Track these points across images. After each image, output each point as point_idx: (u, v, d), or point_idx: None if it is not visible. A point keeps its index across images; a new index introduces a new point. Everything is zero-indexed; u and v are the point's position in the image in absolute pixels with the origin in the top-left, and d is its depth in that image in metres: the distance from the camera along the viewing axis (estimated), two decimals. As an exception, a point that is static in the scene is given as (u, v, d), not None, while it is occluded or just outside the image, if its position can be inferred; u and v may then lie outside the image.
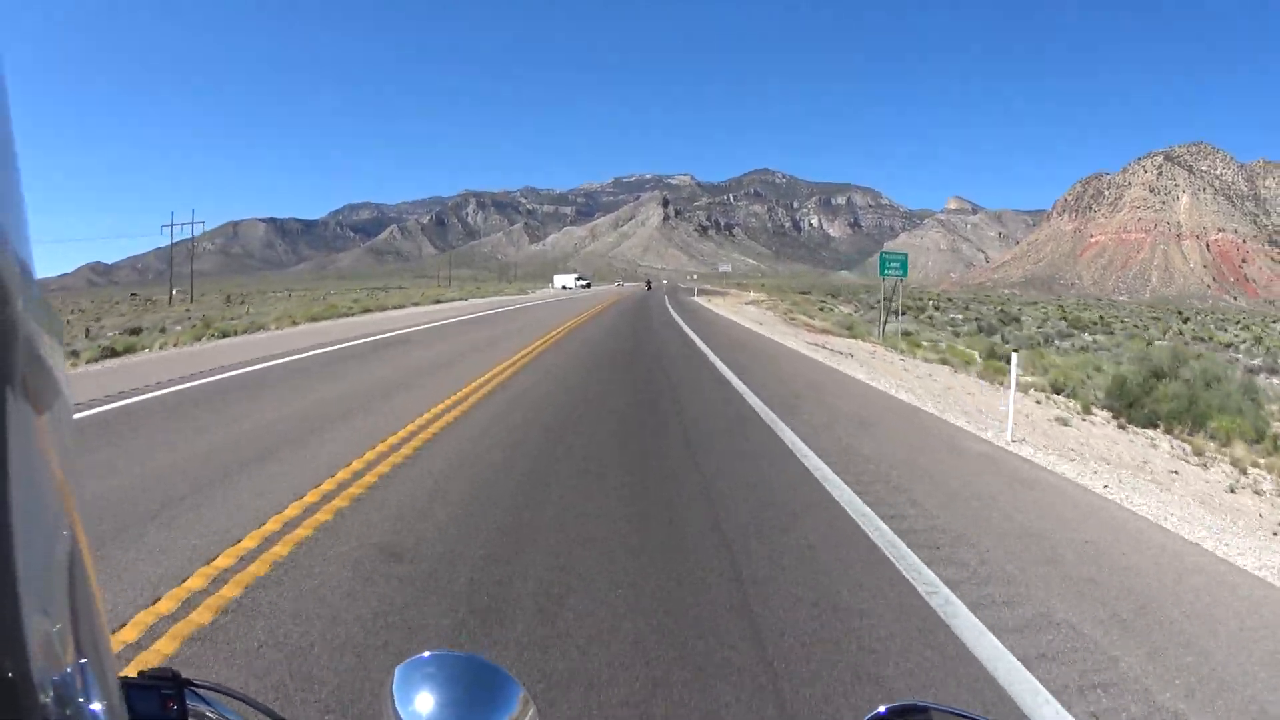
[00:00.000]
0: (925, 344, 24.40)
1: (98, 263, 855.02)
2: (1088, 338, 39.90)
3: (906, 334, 28.52)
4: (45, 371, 0.38)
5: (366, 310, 32.71)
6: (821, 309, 58.63)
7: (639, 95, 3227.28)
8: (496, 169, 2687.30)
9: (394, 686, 0.79)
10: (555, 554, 4.23)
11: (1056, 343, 34.32)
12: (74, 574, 0.46)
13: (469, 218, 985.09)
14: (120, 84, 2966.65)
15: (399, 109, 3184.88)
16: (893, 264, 29.12)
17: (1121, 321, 65.78)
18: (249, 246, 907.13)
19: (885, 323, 29.79)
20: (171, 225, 79.94)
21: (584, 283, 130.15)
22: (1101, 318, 71.64)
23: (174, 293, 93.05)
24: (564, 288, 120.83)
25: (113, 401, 8.51)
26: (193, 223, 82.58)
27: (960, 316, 62.05)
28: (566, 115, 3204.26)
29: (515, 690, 0.80)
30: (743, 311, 45.07)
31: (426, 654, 0.83)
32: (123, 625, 3.25)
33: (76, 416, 6.99)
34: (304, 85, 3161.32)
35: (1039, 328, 46.62)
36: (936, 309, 69.70)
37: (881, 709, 0.79)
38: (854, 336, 27.47)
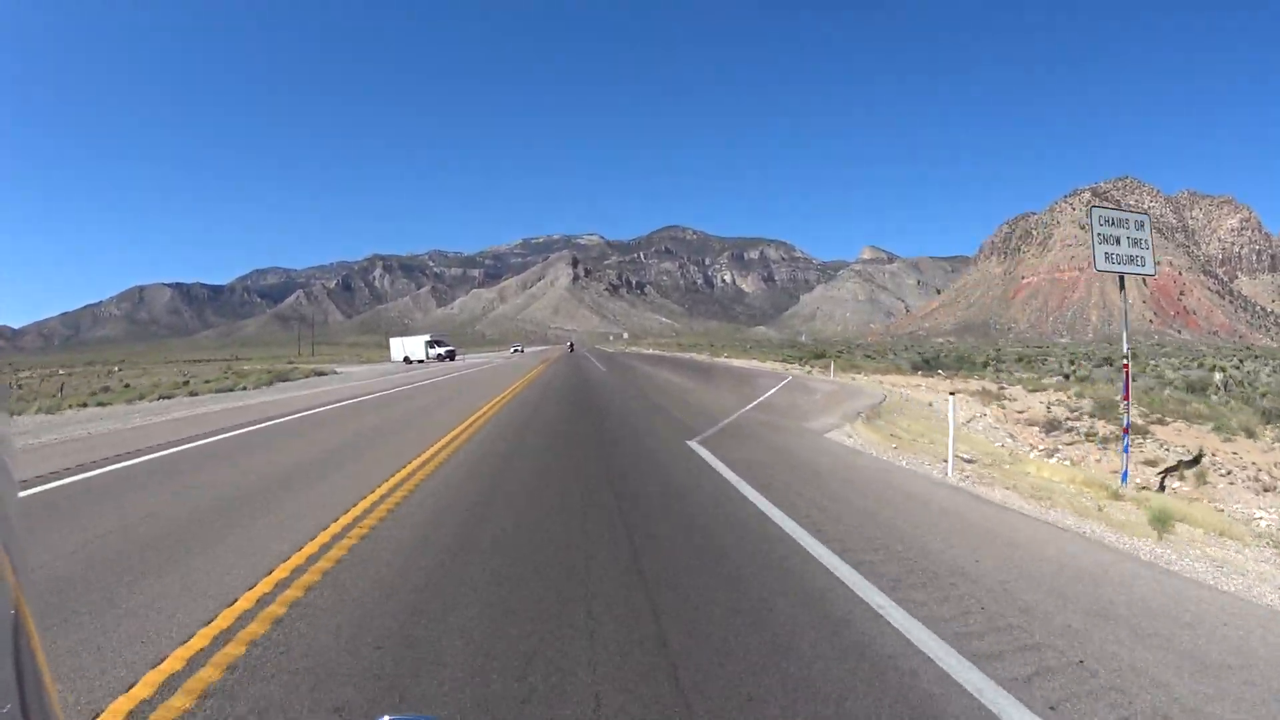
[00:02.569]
0: None
1: (4, 327, 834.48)
2: None
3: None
4: None
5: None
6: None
7: (546, 155, 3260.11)
8: (404, 232, 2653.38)
9: None
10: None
11: None
12: (19, 647, 0.43)
13: (376, 282, 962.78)
14: (26, 144, 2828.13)
15: (310, 172, 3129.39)
16: None
17: None
18: (154, 313, 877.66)
19: None
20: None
21: (442, 352, 71.93)
22: None
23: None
24: (408, 360, 69.41)
25: None
26: None
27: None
28: (474, 177, 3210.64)
29: None
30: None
31: (386, 719, 0.55)
32: None
33: None
34: (216, 147, 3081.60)
35: None
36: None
37: None
38: None
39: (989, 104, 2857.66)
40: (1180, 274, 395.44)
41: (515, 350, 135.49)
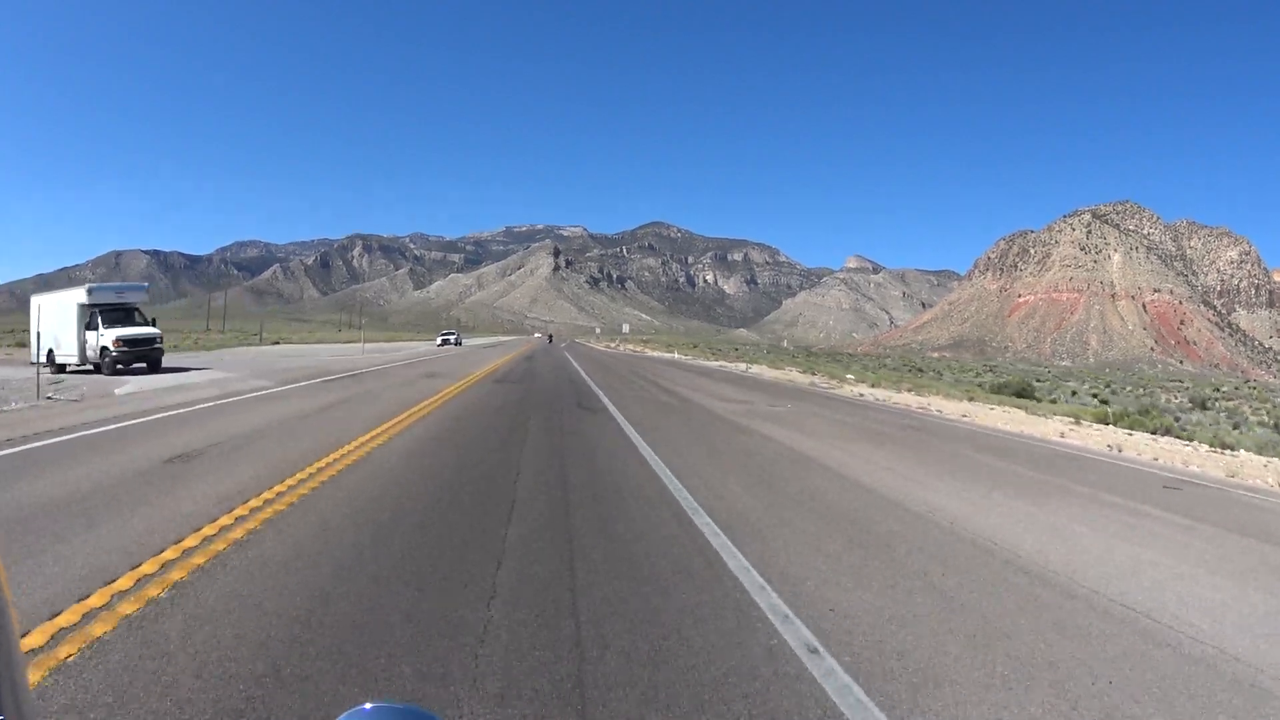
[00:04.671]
0: None
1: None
2: None
3: None
4: None
5: None
6: None
7: (534, 143, 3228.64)
8: (388, 213, 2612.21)
9: None
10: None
11: None
12: None
13: (355, 261, 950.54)
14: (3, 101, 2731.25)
15: (299, 146, 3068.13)
16: None
17: None
18: (129, 279, 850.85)
19: None
20: None
21: (111, 345, 22.56)
22: None
23: None
24: (55, 366, 23.99)
25: None
26: None
27: None
28: (460, 162, 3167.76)
29: None
30: None
31: (368, 705, 0.80)
32: None
33: None
34: (206, 114, 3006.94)
35: None
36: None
37: None
38: None
39: (983, 118, 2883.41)
40: (1180, 303, 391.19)
41: (446, 340, 77.06)
